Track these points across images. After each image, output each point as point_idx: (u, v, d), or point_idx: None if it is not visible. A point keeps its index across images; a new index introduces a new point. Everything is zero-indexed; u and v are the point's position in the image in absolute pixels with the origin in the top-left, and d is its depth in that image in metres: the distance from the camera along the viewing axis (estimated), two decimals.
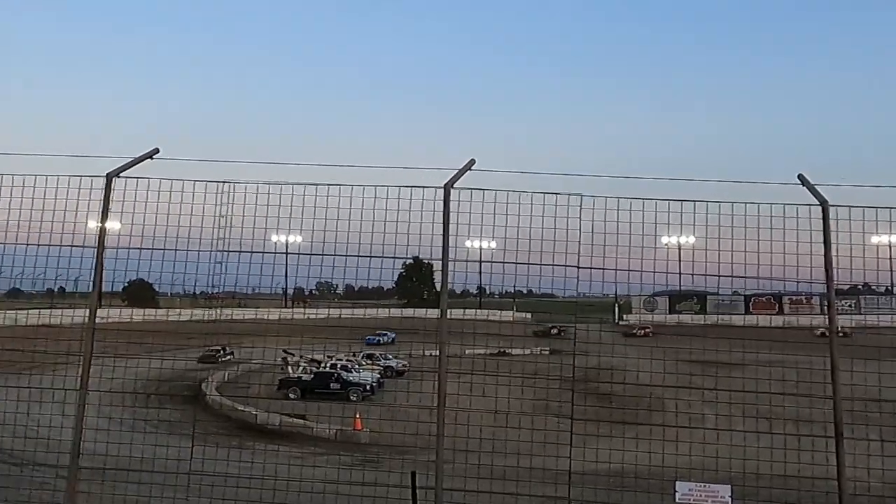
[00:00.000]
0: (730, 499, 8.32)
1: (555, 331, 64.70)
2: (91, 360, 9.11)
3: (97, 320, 9.28)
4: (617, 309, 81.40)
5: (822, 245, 8.58)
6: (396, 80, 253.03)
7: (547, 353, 45.60)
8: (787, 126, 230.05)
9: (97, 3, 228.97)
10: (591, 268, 9.15)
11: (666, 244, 10.91)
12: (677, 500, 8.37)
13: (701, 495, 8.29)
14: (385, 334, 52.73)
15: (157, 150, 9.50)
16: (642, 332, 49.64)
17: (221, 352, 42.24)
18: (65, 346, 11.26)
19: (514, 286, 12.80)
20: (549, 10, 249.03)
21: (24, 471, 12.20)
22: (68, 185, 9.38)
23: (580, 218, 8.93)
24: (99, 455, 9.79)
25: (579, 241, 8.99)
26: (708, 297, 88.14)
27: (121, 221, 9.46)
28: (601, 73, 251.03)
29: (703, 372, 15.05)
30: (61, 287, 11.25)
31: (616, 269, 9.25)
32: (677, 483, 8.40)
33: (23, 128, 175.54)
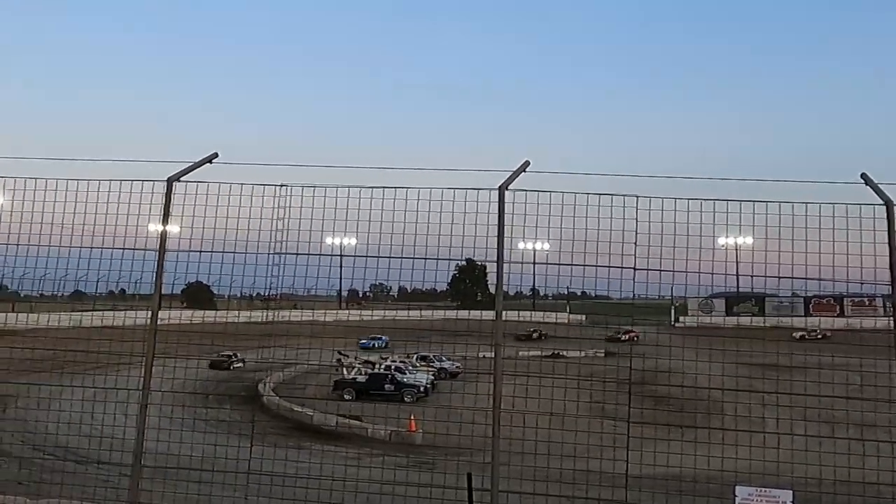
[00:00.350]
0: None
1: (536, 335, 65.05)
2: (153, 361, 9.28)
3: (157, 321, 9.44)
4: (673, 311, 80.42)
5: (887, 246, 8.35)
6: (406, 81, 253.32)
7: (602, 355, 45.43)
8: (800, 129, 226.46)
9: (98, 3, 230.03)
10: (647, 269, 9.03)
11: (723, 245, 10.74)
12: None
13: (761, 500, 8.13)
14: (379, 338, 51.71)
15: (216, 155, 9.62)
16: (626, 336, 49.36)
17: (233, 357, 42.76)
18: (127, 347, 11.49)
19: (569, 288, 12.68)
20: (558, 10, 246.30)
21: (88, 469, 12.49)
22: (130, 189, 9.56)
23: (636, 219, 8.82)
24: (161, 454, 9.97)
25: (635, 243, 8.86)
26: (766, 299, 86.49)
27: (181, 225, 9.62)
28: (617, 75, 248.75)
29: (764, 375, 14.80)
30: (122, 289, 11.48)
31: (673, 271, 9.13)
32: (737, 487, 8.25)
33: (23, 128, 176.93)
